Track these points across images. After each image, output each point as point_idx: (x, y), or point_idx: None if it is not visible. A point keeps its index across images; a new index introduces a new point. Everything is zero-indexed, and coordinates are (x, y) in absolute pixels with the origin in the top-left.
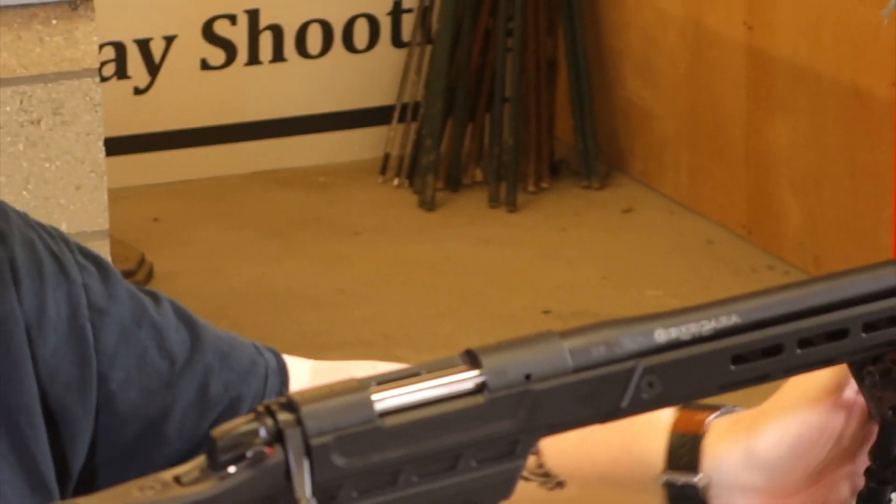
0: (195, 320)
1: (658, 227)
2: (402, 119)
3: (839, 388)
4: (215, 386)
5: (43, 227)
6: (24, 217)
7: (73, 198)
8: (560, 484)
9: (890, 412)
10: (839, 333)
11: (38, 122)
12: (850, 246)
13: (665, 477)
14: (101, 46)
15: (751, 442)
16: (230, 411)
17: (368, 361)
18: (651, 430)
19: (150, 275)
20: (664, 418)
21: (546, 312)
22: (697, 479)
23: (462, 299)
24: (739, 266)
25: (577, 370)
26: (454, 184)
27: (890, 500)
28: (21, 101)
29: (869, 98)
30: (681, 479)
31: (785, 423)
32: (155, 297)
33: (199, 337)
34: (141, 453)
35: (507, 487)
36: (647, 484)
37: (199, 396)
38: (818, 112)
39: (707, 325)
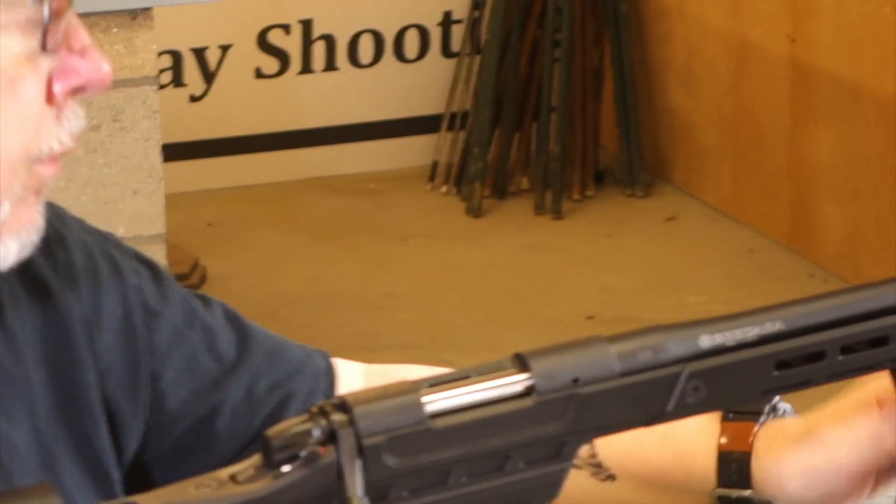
0: (244, 322)
1: (700, 234)
2: (450, 127)
3: (881, 401)
4: (264, 384)
5: (99, 231)
6: (80, 222)
7: (130, 202)
8: (611, 477)
9: None
10: (880, 341)
11: (98, 127)
12: (890, 256)
13: (718, 492)
14: (159, 55)
15: (808, 475)
16: (280, 409)
17: (421, 365)
18: (701, 445)
19: (203, 278)
20: (712, 432)
21: (590, 318)
22: (750, 494)
23: (507, 304)
24: (780, 274)
25: (623, 374)
26: (500, 191)
27: None
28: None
29: None
30: (734, 493)
31: (839, 451)
32: (205, 300)
33: (247, 338)
34: (192, 450)
35: (554, 488)
36: (700, 494)
37: (248, 395)
38: (859, 124)
39: (751, 331)
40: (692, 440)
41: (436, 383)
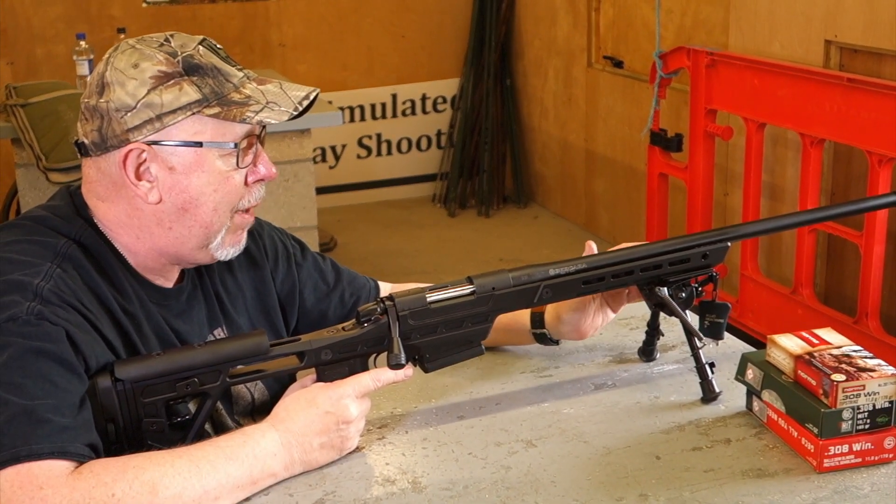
0: (339, 266)
1: (548, 225)
2: (441, 179)
3: (607, 297)
4: (347, 294)
5: (279, 228)
6: (271, 225)
7: (302, 212)
8: None
9: (654, 307)
10: (629, 272)
11: (287, 181)
12: (630, 235)
13: (532, 330)
14: (315, 148)
15: (558, 317)
16: (355, 305)
17: (417, 284)
18: (525, 312)
19: (336, 244)
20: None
21: (501, 259)
22: (545, 330)
23: (465, 254)
24: (582, 241)
25: (515, 286)
26: (462, 206)
27: (655, 345)
28: (282, 172)
29: (637, 170)
30: (538, 331)
31: (568, 309)
32: (323, 258)
33: (340, 274)
34: (318, 325)
35: (484, 335)
36: (525, 331)
37: (340, 299)
38: (618, 178)
39: (572, 267)
40: (522, 311)
41: (433, 289)
